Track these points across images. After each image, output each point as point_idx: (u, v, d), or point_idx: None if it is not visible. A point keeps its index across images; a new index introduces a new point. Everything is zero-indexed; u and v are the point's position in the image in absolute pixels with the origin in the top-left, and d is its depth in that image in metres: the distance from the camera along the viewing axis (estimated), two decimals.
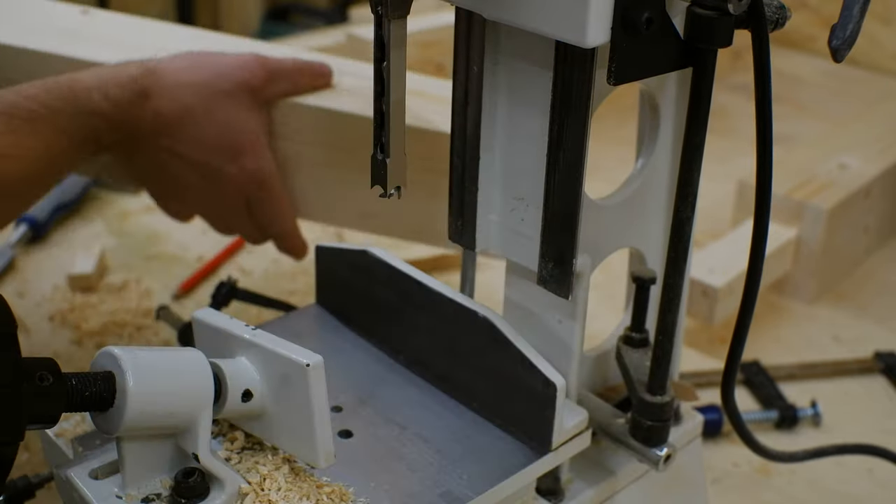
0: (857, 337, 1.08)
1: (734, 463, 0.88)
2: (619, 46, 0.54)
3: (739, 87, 1.58)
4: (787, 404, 0.93)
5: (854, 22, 0.58)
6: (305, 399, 0.59)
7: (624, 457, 0.71)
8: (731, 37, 0.56)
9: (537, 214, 0.63)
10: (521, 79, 0.62)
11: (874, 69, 1.75)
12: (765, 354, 1.02)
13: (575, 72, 0.57)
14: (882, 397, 0.98)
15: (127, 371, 0.56)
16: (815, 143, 1.30)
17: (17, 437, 0.53)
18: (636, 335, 0.69)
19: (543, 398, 0.64)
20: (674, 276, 0.63)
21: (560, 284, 0.63)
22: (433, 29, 1.46)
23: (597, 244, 0.65)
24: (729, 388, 0.68)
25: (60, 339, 0.98)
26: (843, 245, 1.16)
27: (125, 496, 0.60)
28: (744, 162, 0.80)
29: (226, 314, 0.65)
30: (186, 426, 0.59)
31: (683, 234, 0.62)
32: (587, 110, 0.58)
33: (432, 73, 1.48)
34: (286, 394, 0.60)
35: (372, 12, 0.59)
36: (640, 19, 0.53)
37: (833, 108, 1.63)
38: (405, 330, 0.74)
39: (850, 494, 0.85)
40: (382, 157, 0.62)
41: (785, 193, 1.11)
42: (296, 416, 0.60)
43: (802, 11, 1.81)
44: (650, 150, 0.66)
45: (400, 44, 0.59)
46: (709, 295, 1.01)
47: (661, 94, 0.64)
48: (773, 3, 0.58)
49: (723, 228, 1.20)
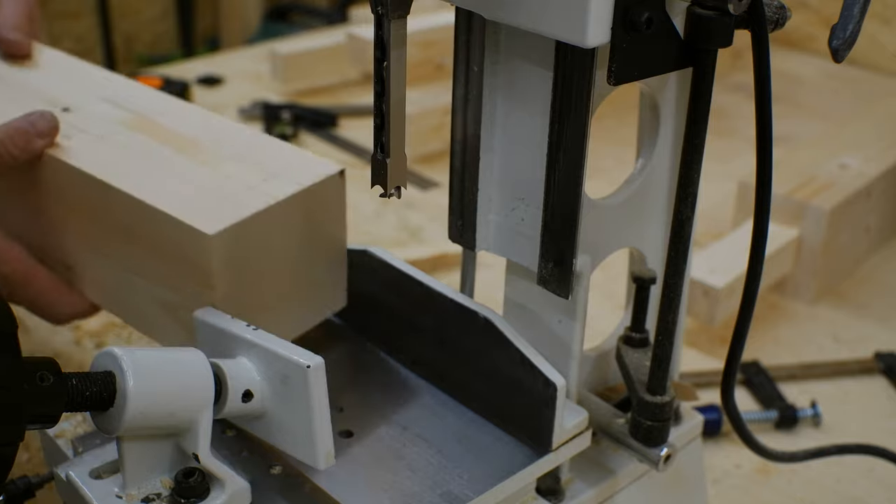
0: (858, 337, 1.07)
1: (734, 463, 0.88)
2: (619, 46, 0.54)
3: (739, 87, 1.58)
4: (787, 404, 0.93)
5: (854, 22, 0.58)
6: (305, 400, 0.59)
7: (624, 457, 0.71)
8: (732, 37, 0.56)
9: (537, 214, 0.63)
10: (521, 79, 0.62)
11: (874, 69, 1.75)
12: (765, 354, 1.02)
13: (575, 72, 0.57)
14: (882, 397, 0.98)
15: (127, 371, 0.56)
16: (816, 143, 1.30)
17: (17, 438, 0.53)
18: (636, 335, 0.69)
19: (543, 398, 0.64)
20: (674, 277, 0.63)
21: (560, 284, 0.63)
22: (433, 29, 1.47)
23: (597, 244, 0.65)
24: (729, 389, 0.68)
25: (60, 339, 0.98)
26: (843, 245, 1.16)
27: (125, 496, 0.60)
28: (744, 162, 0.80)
29: (227, 314, 0.65)
30: (187, 426, 0.59)
31: (683, 234, 0.62)
32: (587, 110, 0.58)
33: (432, 73, 1.49)
34: (286, 394, 0.60)
35: (372, 12, 0.59)
36: (640, 19, 0.53)
37: (833, 108, 1.63)
38: (405, 330, 0.74)
39: (850, 494, 0.85)
40: (382, 157, 0.62)
41: (786, 194, 1.11)
42: (296, 416, 0.60)
43: (802, 11, 1.81)
44: (650, 150, 0.66)
45: (400, 44, 0.59)
46: (710, 295, 1.01)
47: (662, 95, 0.64)
48: (773, 3, 0.58)
49: (723, 229, 1.20)
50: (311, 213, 0.71)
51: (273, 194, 0.68)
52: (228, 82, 1.67)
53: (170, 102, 0.83)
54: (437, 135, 1.40)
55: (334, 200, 0.72)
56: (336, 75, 1.66)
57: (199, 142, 0.76)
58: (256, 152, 0.75)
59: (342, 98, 1.61)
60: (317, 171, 0.71)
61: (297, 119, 1.49)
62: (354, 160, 1.42)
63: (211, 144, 0.75)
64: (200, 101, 1.56)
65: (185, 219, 0.65)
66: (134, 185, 0.69)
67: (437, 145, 1.40)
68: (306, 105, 1.54)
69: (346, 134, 1.50)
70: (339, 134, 1.50)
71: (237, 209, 0.66)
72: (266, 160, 0.73)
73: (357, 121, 1.53)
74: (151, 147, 0.75)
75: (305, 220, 0.70)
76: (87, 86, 0.85)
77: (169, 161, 0.73)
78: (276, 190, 0.69)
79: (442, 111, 1.39)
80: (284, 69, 1.61)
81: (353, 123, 1.53)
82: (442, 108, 1.39)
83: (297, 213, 0.70)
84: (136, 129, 0.78)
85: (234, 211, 0.66)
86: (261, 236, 0.67)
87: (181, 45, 3.18)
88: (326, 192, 0.71)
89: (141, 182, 0.70)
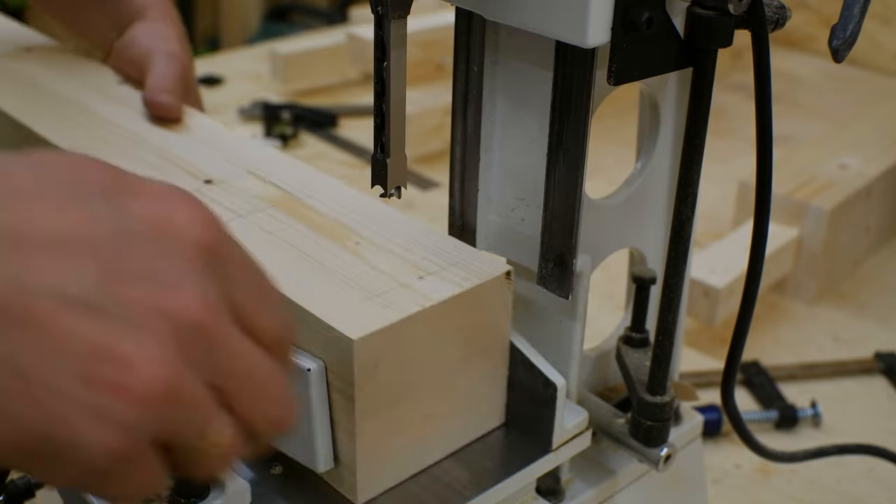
0: (858, 337, 1.07)
1: (734, 463, 0.88)
2: (619, 47, 0.54)
3: (740, 87, 1.58)
4: (787, 404, 0.93)
5: (854, 22, 0.58)
6: (306, 403, 0.59)
7: (624, 457, 0.71)
8: (732, 37, 0.56)
9: (537, 214, 0.63)
10: (521, 79, 0.62)
11: (874, 69, 1.75)
12: (765, 354, 1.02)
13: (575, 72, 0.57)
14: (882, 397, 0.98)
15: None
16: (816, 143, 1.30)
17: None
18: (636, 335, 0.69)
19: (543, 398, 0.64)
20: (674, 277, 0.63)
21: (560, 284, 0.63)
22: (433, 29, 1.47)
23: (597, 244, 0.65)
24: (729, 389, 0.68)
25: None
26: (844, 245, 1.16)
27: None
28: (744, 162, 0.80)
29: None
30: None
31: (684, 234, 0.62)
32: (587, 110, 0.58)
33: (432, 72, 1.49)
34: None
35: (372, 12, 0.59)
36: (640, 19, 0.53)
37: (833, 108, 1.63)
38: None
39: (850, 494, 0.85)
40: (382, 157, 0.62)
41: (786, 194, 1.11)
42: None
43: (802, 11, 1.81)
44: (650, 150, 0.66)
45: (400, 44, 0.59)
46: (710, 295, 1.01)
47: (662, 94, 0.64)
48: (774, 3, 0.58)
49: (724, 229, 1.20)
50: (470, 319, 0.62)
51: (428, 295, 0.59)
52: (228, 82, 1.67)
53: (325, 182, 0.74)
54: (437, 135, 1.40)
55: (498, 304, 0.63)
56: (336, 75, 1.66)
57: (352, 229, 0.67)
58: (415, 244, 0.66)
59: (342, 98, 1.61)
60: (480, 271, 0.62)
61: (297, 119, 1.49)
62: (354, 160, 1.42)
63: (366, 232, 0.67)
64: None
65: (328, 318, 0.57)
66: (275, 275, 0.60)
67: (438, 145, 1.40)
68: (306, 105, 1.54)
69: (346, 134, 1.50)
70: (339, 134, 1.50)
71: (386, 311, 0.58)
72: (425, 254, 0.65)
73: (357, 121, 1.53)
74: (299, 232, 0.67)
75: (463, 326, 0.61)
76: (235, 156, 0.77)
77: (317, 249, 0.65)
78: (433, 290, 0.60)
79: (442, 111, 1.39)
80: (284, 69, 1.61)
81: (353, 123, 1.53)
82: (442, 108, 1.39)
83: (455, 318, 0.61)
84: (283, 209, 0.69)
85: (383, 313, 0.58)
86: (411, 344, 0.59)
87: None
88: (490, 295, 0.62)
89: (284, 271, 0.59)
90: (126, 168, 0.45)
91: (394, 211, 0.70)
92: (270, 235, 0.66)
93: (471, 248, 0.65)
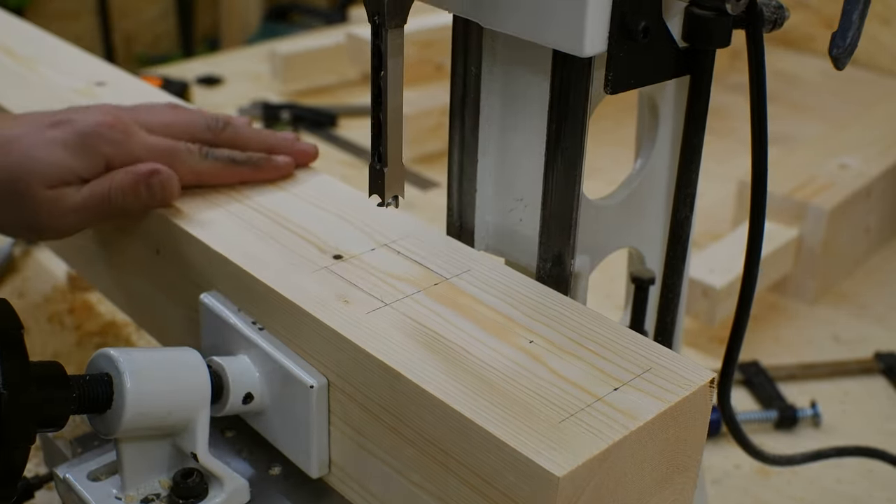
0: (857, 337, 1.07)
1: (734, 463, 0.88)
2: (616, 55, 0.54)
3: (738, 87, 1.58)
4: (787, 404, 0.93)
5: (854, 29, 0.57)
6: (305, 415, 0.59)
7: None
8: (730, 37, 0.56)
9: (536, 215, 0.63)
10: (519, 84, 0.62)
11: (874, 69, 1.75)
12: (765, 354, 1.02)
13: (572, 78, 0.57)
14: (882, 398, 0.98)
15: (124, 372, 0.56)
16: (816, 143, 1.30)
17: (28, 441, 0.53)
18: None
19: None
20: (672, 277, 0.63)
21: (558, 284, 0.63)
22: (432, 29, 1.47)
23: (596, 244, 0.65)
24: (725, 391, 0.68)
25: (60, 340, 0.98)
26: (843, 245, 1.16)
27: (124, 497, 0.60)
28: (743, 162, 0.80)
29: (234, 304, 0.64)
30: (184, 425, 0.59)
31: (682, 234, 0.61)
32: (584, 113, 0.58)
33: (431, 73, 1.49)
34: (287, 403, 0.60)
35: (369, 21, 0.58)
36: (637, 28, 0.53)
37: (833, 108, 1.63)
38: None
39: (849, 495, 0.85)
40: (380, 166, 0.61)
41: (786, 194, 1.11)
42: (293, 424, 0.60)
43: (802, 11, 1.81)
44: (649, 150, 0.66)
45: (397, 52, 0.58)
46: (709, 295, 1.00)
47: (660, 95, 0.64)
48: (772, 3, 0.58)
49: (723, 229, 1.20)
50: (673, 436, 0.52)
51: (632, 414, 0.50)
52: (228, 82, 1.67)
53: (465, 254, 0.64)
54: (435, 135, 1.40)
55: (701, 417, 0.53)
56: (336, 75, 1.66)
57: (515, 321, 0.57)
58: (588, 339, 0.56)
59: (342, 98, 1.61)
60: (682, 379, 0.53)
61: (297, 119, 1.49)
62: (354, 160, 1.41)
63: (536, 327, 0.57)
64: (200, 102, 1.56)
65: (522, 448, 0.48)
66: (440, 387, 0.51)
67: (437, 145, 1.40)
68: (306, 105, 1.54)
69: (346, 134, 1.50)
70: (339, 134, 1.50)
71: (588, 437, 0.49)
72: (610, 356, 0.55)
73: (357, 121, 1.53)
74: (458, 325, 0.57)
75: (666, 444, 0.52)
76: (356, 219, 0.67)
77: (486, 351, 0.55)
78: (635, 407, 0.50)
79: (441, 111, 1.39)
80: (284, 69, 1.61)
81: (352, 123, 1.53)
82: (441, 109, 1.39)
83: (657, 436, 0.51)
84: (434, 297, 0.59)
85: (585, 439, 0.48)
86: (614, 471, 0.50)
87: (181, 45, 3.18)
88: (693, 408, 0.52)
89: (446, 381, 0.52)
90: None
91: (551, 293, 0.60)
92: (422, 330, 0.56)
93: (654, 343, 0.56)
